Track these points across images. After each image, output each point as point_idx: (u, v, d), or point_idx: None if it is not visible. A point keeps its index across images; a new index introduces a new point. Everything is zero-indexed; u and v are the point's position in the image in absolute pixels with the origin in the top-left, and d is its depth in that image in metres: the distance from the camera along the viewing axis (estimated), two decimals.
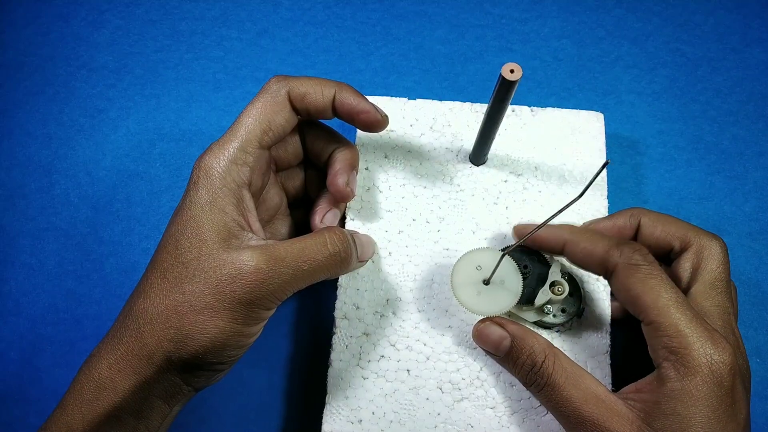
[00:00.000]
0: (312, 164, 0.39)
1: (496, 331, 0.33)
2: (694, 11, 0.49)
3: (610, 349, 0.36)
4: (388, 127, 0.40)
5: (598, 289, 0.37)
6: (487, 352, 0.35)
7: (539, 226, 0.31)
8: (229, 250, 0.30)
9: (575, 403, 0.30)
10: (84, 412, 0.28)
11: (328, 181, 0.36)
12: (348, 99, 0.34)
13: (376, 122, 0.35)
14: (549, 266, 0.36)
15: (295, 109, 0.34)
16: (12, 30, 0.49)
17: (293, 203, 0.40)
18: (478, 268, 0.34)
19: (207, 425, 0.38)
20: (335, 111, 0.35)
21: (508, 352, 0.33)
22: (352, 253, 0.34)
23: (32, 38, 0.48)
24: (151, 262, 0.31)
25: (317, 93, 0.34)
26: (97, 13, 0.49)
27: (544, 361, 0.31)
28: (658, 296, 0.30)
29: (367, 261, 0.37)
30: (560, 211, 0.30)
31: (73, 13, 0.49)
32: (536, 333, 0.33)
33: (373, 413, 0.35)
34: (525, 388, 0.33)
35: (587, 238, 0.33)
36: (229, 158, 0.32)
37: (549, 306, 0.35)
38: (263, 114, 0.33)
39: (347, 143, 0.37)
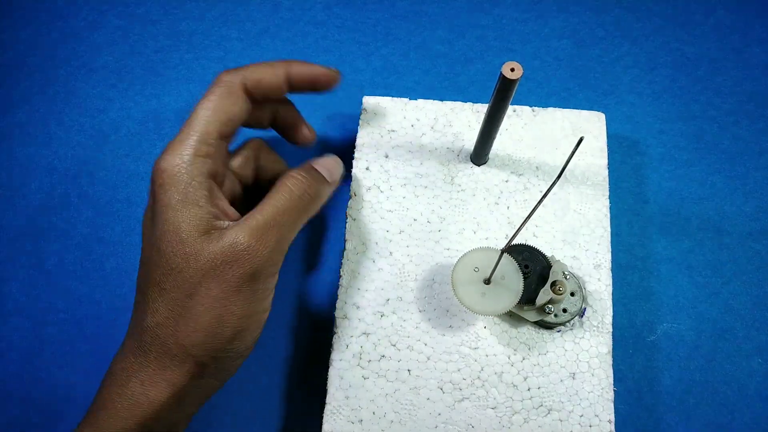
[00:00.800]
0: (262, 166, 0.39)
1: None
2: (694, 11, 0.49)
3: (611, 348, 0.36)
4: (390, 127, 0.40)
5: (600, 289, 0.37)
6: None
7: (527, 218, 0.30)
8: (213, 241, 0.30)
9: None
10: (118, 427, 0.29)
11: (292, 136, 0.38)
12: (300, 69, 0.35)
13: (332, 79, 0.36)
14: (550, 266, 0.36)
15: (251, 97, 0.34)
16: (12, 30, 0.49)
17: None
18: (476, 269, 0.34)
19: (207, 425, 0.38)
20: (292, 86, 0.35)
21: None
22: (319, 186, 0.34)
23: (32, 38, 0.48)
24: (141, 276, 0.31)
25: (270, 75, 0.34)
26: (97, 13, 0.49)
27: None
28: None
29: (340, 180, 0.37)
30: (544, 196, 0.29)
31: (73, 13, 0.49)
32: None
33: (373, 413, 0.35)
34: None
35: None
36: (192, 152, 0.31)
37: (550, 306, 0.35)
38: (219, 105, 0.33)
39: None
